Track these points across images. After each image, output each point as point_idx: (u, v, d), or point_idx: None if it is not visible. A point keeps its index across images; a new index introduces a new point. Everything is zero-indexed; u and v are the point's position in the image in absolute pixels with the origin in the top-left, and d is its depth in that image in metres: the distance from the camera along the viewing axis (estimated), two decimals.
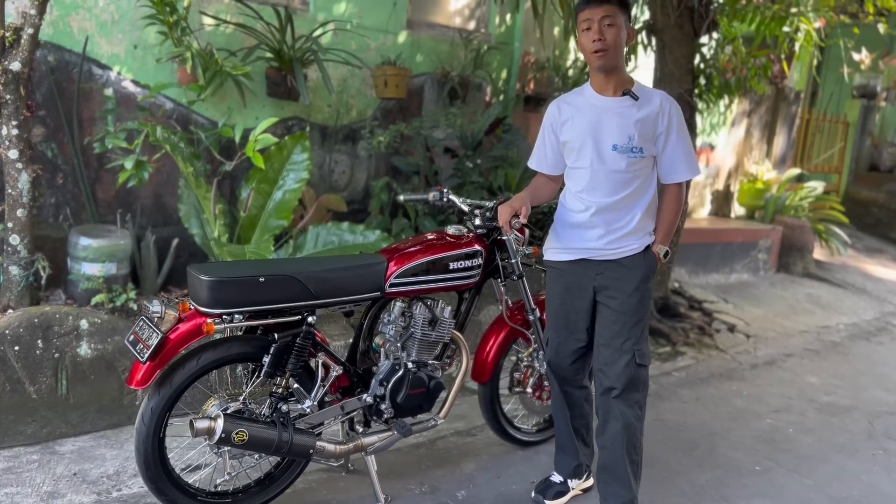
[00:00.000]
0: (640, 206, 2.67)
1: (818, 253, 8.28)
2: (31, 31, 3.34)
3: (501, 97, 6.16)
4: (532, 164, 2.88)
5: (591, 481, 3.02)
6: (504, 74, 6.20)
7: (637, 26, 5.36)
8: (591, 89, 2.68)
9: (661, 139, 2.63)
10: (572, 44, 6.52)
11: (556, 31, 6.39)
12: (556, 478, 3.00)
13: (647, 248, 2.69)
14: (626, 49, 2.67)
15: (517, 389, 3.34)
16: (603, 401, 2.70)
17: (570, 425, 2.95)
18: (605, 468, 2.72)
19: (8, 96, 3.36)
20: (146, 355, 2.31)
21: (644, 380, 2.71)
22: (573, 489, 2.99)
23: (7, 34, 3.35)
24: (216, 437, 2.38)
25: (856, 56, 9.60)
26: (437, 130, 5.36)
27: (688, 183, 2.79)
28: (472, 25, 6.03)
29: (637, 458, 2.73)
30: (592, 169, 2.64)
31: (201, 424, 2.39)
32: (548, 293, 2.90)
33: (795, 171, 8.75)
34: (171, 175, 4.37)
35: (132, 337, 2.41)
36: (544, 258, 2.88)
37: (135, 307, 3.63)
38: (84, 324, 3.30)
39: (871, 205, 10.16)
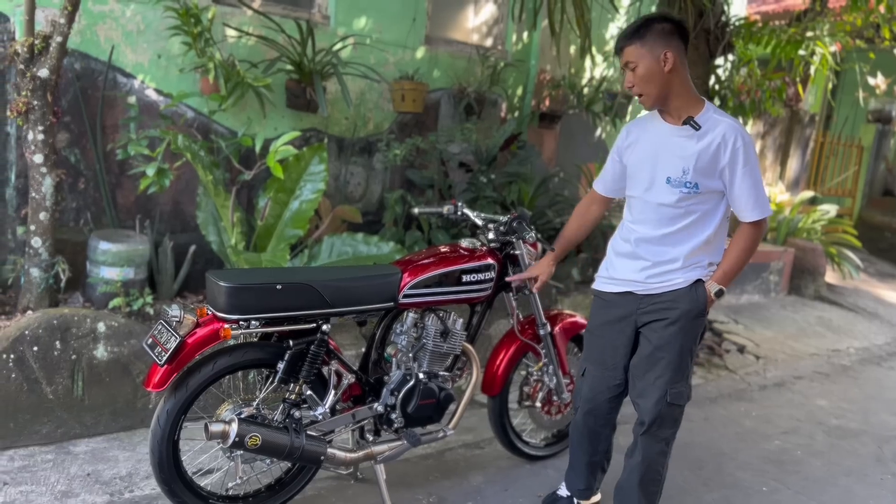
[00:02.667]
0: (692, 243, 2.51)
1: (830, 276, 8.25)
2: (59, 39, 3.41)
3: (517, 114, 6.22)
4: (594, 184, 2.85)
5: (598, 496, 3.03)
6: (520, 91, 6.26)
7: None
8: (660, 114, 2.56)
9: (725, 173, 2.43)
10: (588, 62, 6.58)
11: (573, 49, 6.45)
12: (563, 492, 3.01)
13: (698, 281, 2.53)
14: (670, 69, 2.39)
15: (526, 403, 3.36)
16: (635, 430, 2.68)
17: (586, 455, 2.89)
18: (622, 489, 2.74)
19: (35, 102, 3.43)
20: (164, 358, 2.35)
21: (676, 417, 2.61)
22: None
23: (36, 42, 3.42)
24: (230, 441, 2.41)
25: (871, 81, 9.63)
26: (453, 145, 5.41)
27: (762, 222, 2.50)
28: (489, 43, 6.10)
29: (655, 489, 2.70)
30: (642, 199, 2.57)
31: (216, 428, 2.43)
32: (589, 323, 2.84)
33: (809, 193, 8.74)
34: (190, 183, 4.44)
35: (150, 340, 2.45)
36: (592, 286, 2.83)
37: (151, 312, 3.69)
38: (101, 327, 3.35)
39: (885, 229, 10.12)
